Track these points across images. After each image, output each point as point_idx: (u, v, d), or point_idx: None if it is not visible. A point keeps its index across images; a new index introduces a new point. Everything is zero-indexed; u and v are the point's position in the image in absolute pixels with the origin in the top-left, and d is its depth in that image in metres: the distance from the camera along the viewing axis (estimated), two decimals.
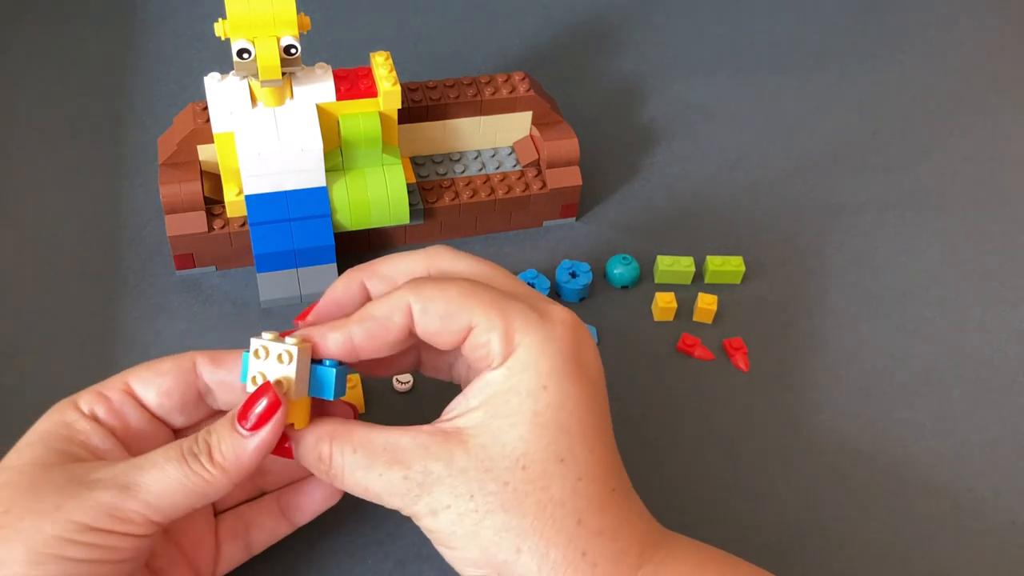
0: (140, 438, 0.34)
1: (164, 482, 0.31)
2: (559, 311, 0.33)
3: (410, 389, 0.45)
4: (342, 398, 0.34)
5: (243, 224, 0.49)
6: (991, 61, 0.71)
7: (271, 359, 0.32)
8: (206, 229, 0.48)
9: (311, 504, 0.37)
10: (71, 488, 0.30)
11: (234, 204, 0.48)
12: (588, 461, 0.32)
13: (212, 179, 0.49)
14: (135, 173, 0.56)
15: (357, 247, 0.52)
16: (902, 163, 0.61)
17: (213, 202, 0.49)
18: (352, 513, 0.40)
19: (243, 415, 0.31)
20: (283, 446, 0.33)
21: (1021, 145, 0.64)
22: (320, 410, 0.34)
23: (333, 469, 0.33)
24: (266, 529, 0.37)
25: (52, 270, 0.50)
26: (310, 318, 0.35)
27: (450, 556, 0.32)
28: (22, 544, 0.29)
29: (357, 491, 0.33)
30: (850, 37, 0.72)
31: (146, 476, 0.31)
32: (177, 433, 0.35)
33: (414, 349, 0.37)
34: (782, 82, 0.67)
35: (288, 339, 0.32)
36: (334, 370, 0.33)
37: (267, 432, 0.31)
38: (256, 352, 0.32)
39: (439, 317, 0.32)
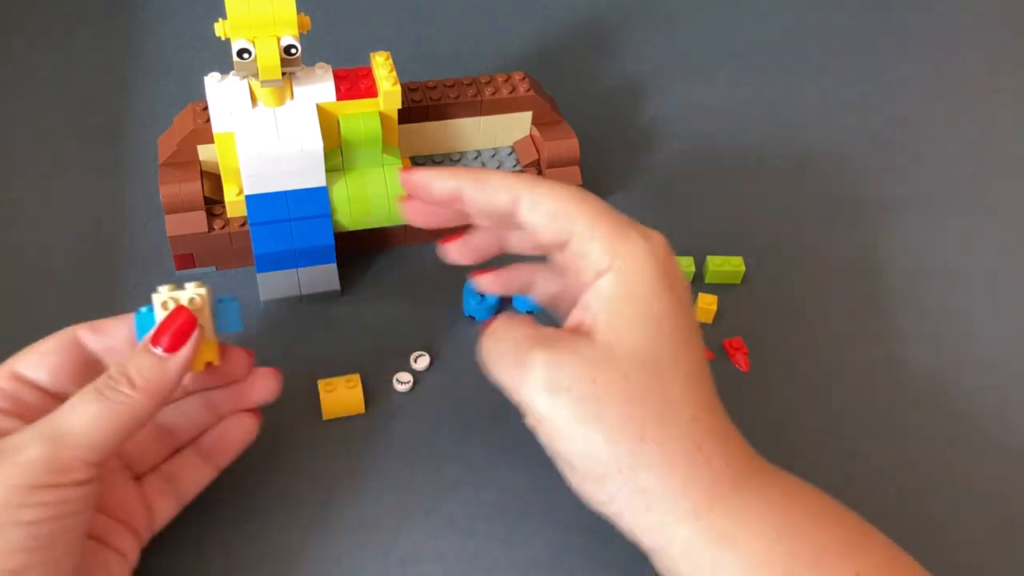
0: (39, 415, 0.33)
1: (90, 421, 0.31)
2: (656, 233, 0.35)
3: (411, 389, 0.45)
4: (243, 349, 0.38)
5: (243, 224, 0.49)
6: (991, 61, 0.71)
7: (183, 302, 0.35)
8: (206, 229, 0.48)
9: (231, 445, 0.38)
10: (1, 459, 0.30)
11: (234, 204, 0.48)
12: (696, 364, 0.34)
13: (212, 179, 0.49)
14: (135, 173, 0.56)
15: (357, 247, 0.52)
16: (902, 163, 0.61)
17: (213, 202, 0.49)
18: (352, 513, 0.41)
19: (157, 337, 0.33)
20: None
21: (1021, 145, 0.64)
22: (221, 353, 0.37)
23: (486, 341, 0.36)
24: (190, 479, 0.38)
25: (52, 270, 0.50)
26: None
27: (566, 450, 0.33)
28: None
29: (492, 362, 0.35)
30: (850, 37, 0.72)
31: (69, 421, 0.31)
32: None
33: (495, 237, 0.40)
34: (782, 82, 0.67)
35: (187, 285, 0.35)
36: (238, 303, 0.37)
37: (187, 349, 0.34)
38: (164, 304, 0.34)
39: (546, 214, 0.35)
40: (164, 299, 0.35)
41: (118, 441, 0.32)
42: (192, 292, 0.35)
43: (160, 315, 0.35)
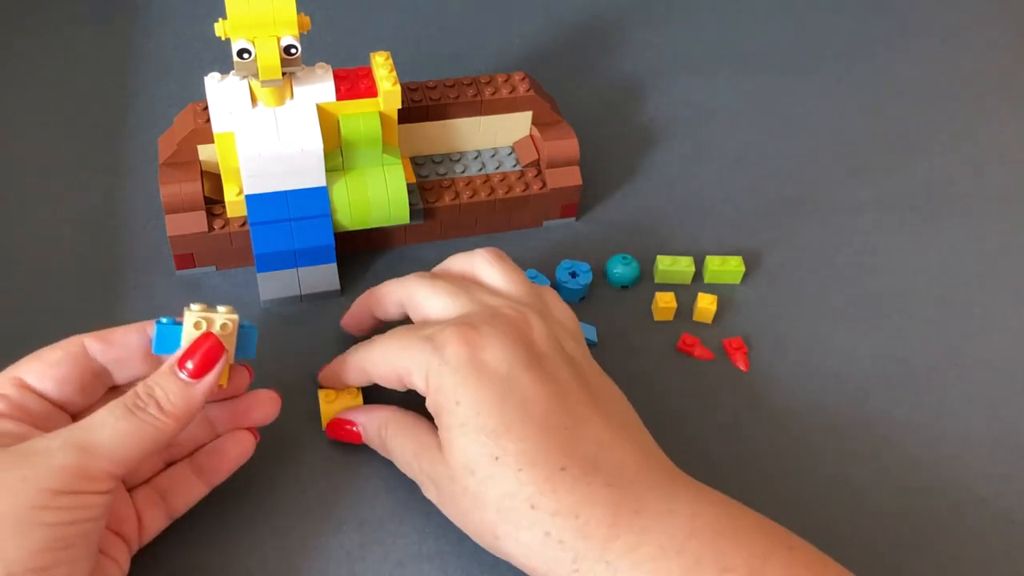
0: (47, 425, 0.35)
1: (118, 436, 0.33)
2: (447, 334, 0.37)
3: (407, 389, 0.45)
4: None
5: (243, 224, 0.49)
6: (991, 61, 0.71)
7: (215, 328, 0.36)
8: (206, 229, 0.48)
9: (226, 463, 0.39)
10: (26, 462, 0.31)
11: (234, 204, 0.48)
12: (521, 451, 0.34)
13: (212, 179, 0.49)
14: (135, 173, 0.56)
15: (357, 247, 0.52)
16: (902, 163, 0.61)
17: (213, 202, 0.49)
18: (352, 513, 0.41)
19: (183, 361, 0.35)
20: (351, 431, 0.41)
21: (1021, 145, 0.64)
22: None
23: (387, 448, 0.40)
24: (182, 495, 0.38)
25: (52, 270, 0.50)
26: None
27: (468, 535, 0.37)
28: (3, 519, 0.30)
29: (401, 468, 0.40)
30: (850, 37, 0.72)
31: (99, 434, 0.32)
32: (75, 416, 0.36)
33: None
34: (782, 82, 0.67)
35: (219, 308, 0.36)
36: (256, 330, 0.38)
37: (212, 376, 0.35)
38: (197, 324, 0.35)
39: (383, 376, 0.39)
40: (197, 319, 0.35)
41: (142, 457, 0.33)
42: (224, 317, 0.36)
43: (189, 333, 0.35)
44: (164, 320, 0.36)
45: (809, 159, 0.61)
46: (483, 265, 0.42)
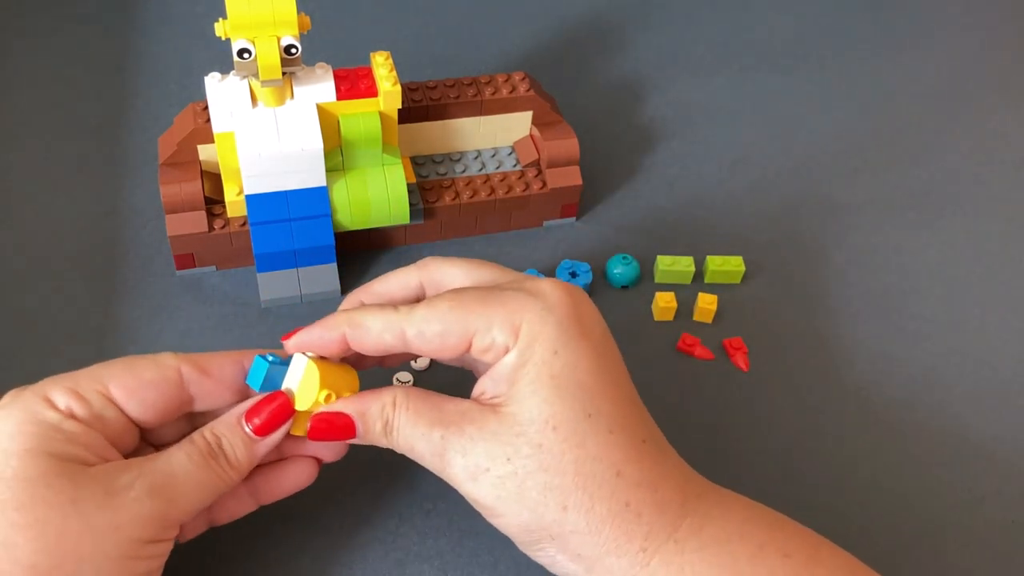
0: (119, 440, 0.33)
1: (196, 488, 0.32)
2: (547, 284, 0.34)
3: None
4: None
5: (243, 224, 0.49)
6: (991, 60, 0.71)
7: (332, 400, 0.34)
8: (206, 229, 0.48)
9: (283, 488, 0.37)
10: (113, 501, 0.30)
11: (234, 204, 0.48)
12: (613, 414, 0.33)
13: (212, 179, 0.49)
14: (135, 173, 0.56)
15: (357, 247, 0.52)
16: (902, 163, 0.61)
17: (213, 202, 0.49)
18: (352, 513, 0.41)
19: (251, 414, 0.34)
20: (340, 425, 0.34)
21: (1021, 145, 0.64)
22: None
23: (391, 428, 0.34)
24: (230, 509, 0.37)
25: (52, 270, 0.50)
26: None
27: (500, 523, 0.33)
28: (91, 567, 0.29)
29: (405, 450, 0.34)
30: (850, 37, 0.72)
31: (179, 482, 0.32)
32: (143, 431, 0.35)
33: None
34: (782, 82, 0.67)
35: (307, 355, 0.35)
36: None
37: (277, 435, 0.34)
38: (328, 397, 0.34)
39: (436, 336, 0.34)
40: (329, 394, 0.34)
41: (207, 505, 0.33)
42: (347, 387, 0.35)
43: (313, 399, 0.34)
44: (271, 358, 0.35)
45: (809, 159, 0.61)
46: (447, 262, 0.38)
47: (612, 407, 0.33)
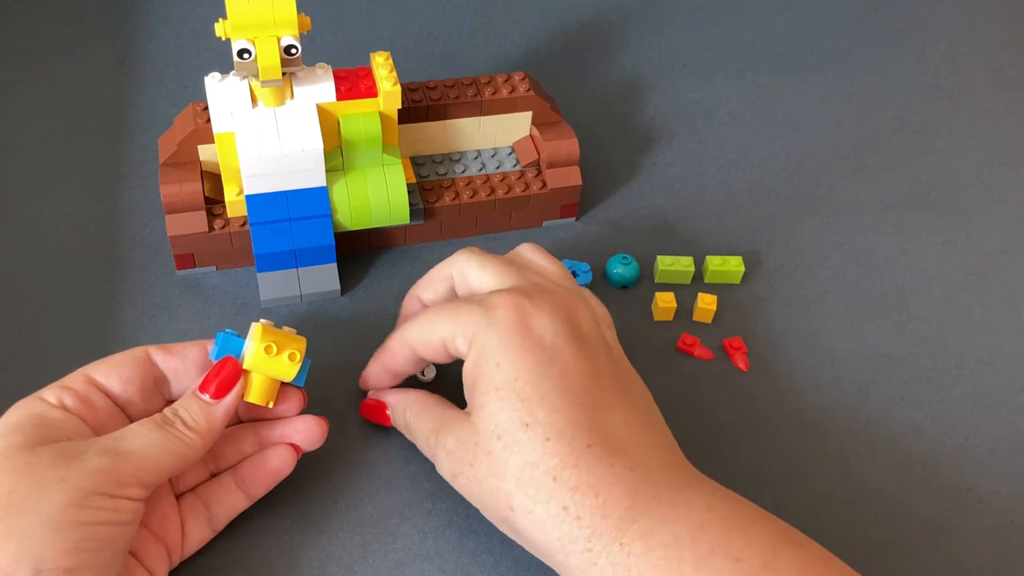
0: (106, 424, 0.36)
1: (149, 447, 0.34)
2: (500, 298, 0.37)
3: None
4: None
5: (243, 224, 0.49)
6: (991, 61, 0.71)
7: (283, 358, 0.38)
8: (206, 229, 0.48)
9: (266, 476, 0.39)
10: (65, 461, 0.32)
11: (234, 204, 0.48)
12: (552, 422, 0.34)
13: (212, 179, 0.49)
14: (135, 173, 0.56)
15: (357, 247, 0.52)
16: (902, 163, 0.61)
17: (213, 202, 0.49)
18: (352, 513, 0.41)
19: (204, 385, 0.37)
20: (384, 414, 0.42)
21: (1021, 145, 0.64)
22: (281, 394, 0.40)
23: (410, 428, 0.40)
24: (225, 504, 0.39)
25: (52, 270, 0.50)
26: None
27: (486, 516, 0.37)
28: (38, 516, 0.31)
29: (419, 447, 0.40)
30: (850, 37, 0.72)
31: (132, 443, 0.34)
32: (133, 420, 0.38)
33: None
34: (782, 82, 0.67)
35: (286, 328, 0.39)
36: (309, 361, 0.39)
37: (231, 397, 0.37)
38: (268, 348, 0.37)
39: (423, 344, 0.39)
40: (268, 344, 0.37)
41: (170, 469, 0.35)
42: (292, 348, 0.38)
43: (253, 349, 0.37)
44: (228, 331, 0.38)
45: (809, 159, 0.61)
46: (529, 251, 0.43)
47: (550, 416, 0.35)
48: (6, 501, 0.31)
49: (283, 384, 0.39)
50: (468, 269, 0.41)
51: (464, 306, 0.38)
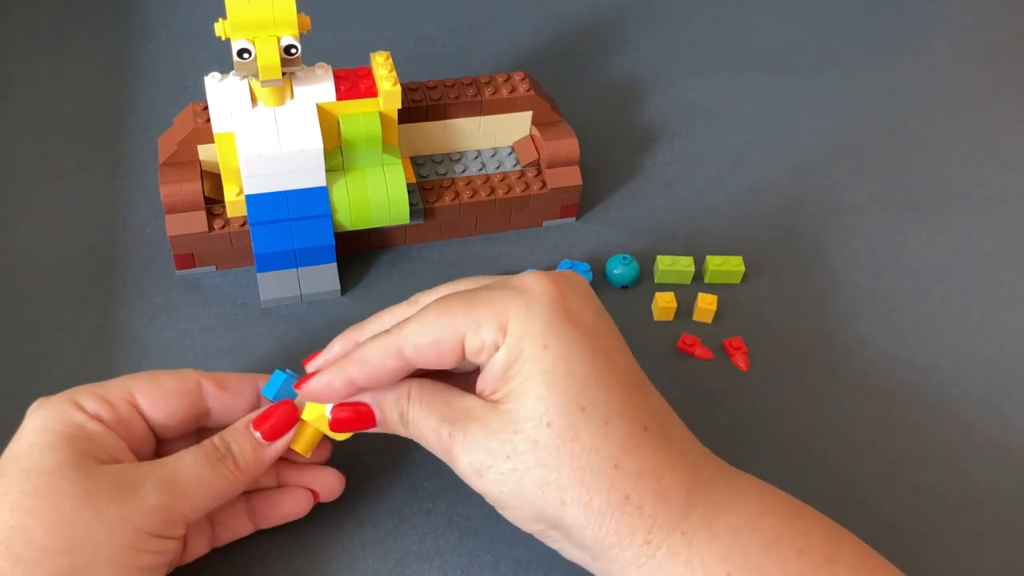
0: (139, 447, 0.36)
1: (201, 485, 0.34)
2: (532, 278, 0.34)
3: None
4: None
5: (243, 224, 0.49)
6: (991, 61, 0.71)
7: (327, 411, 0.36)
8: (206, 229, 0.48)
9: (278, 514, 0.38)
10: (124, 495, 0.32)
11: (234, 204, 0.48)
12: (610, 401, 0.32)
13: (212, 179, 0.49)
14: (135, 173, 0.56)
15: (357, 247, 0.52)
16: (902, 163, 0.61)
17: (213, 202, 0.49)
18: (352, 513, 0.41)
19: (259, 422, 0.36)
20: (362, 414, 0.36)
21: (1021, 145, 0.64)
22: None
23: (407, 418, 0.35)
24: (230, 528, 0.38)
25: (52, 270, 0.50)
26: (312, 366, 0.38)
27: (509, 516, 0.34)
28: (103, 557, 0.30)
29: (420, 440, 0.35)
30: (850, 37, 0.72)
31: (186, 479, 0.33)
32: (159, 440, 0.37)
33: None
34: (782, 82, 0.67)
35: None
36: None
37: (283, 442, 0.36)
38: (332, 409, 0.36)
39: (430, 345, 0.34)
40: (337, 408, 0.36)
41: (212, 506, 0.34)
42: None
43: (325, 412, 0.36)
44: (290, 372, 0.38)
45: (809, 159, 0.61)
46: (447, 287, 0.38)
47: (607, 395, 0.32)
48: (69, 533, 0.30)
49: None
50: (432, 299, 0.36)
51: (481, 295, 0.34)
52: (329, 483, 0.39)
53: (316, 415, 0.37)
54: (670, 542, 0.31)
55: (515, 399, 0.33)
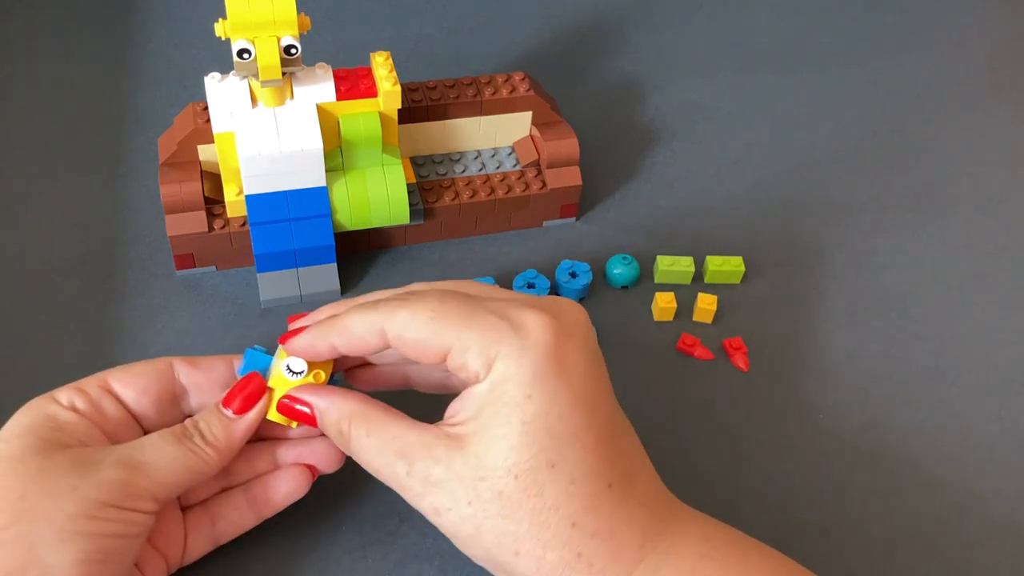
0: (117, 432, 0.36)
1: (165, 461, 0.34)
2: (532, 317, 0.33)
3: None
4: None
5: (243, 224, 0.49)
6: (991, 61, 0.71)
7: (304, 377, 0.36)
8: (206, 229, 0.48)
9: (277, 497, 0.38)
10: (79, 470, 0.32)
11: (234, 204, 0.48)
12: (581, 461, 0.32)
13: (212, 179, 0.49)
14: (135, 173, 0.56)
15: (357, 247, 0.52)
16: (902, 163, 0.61)
17: (213, 202, 0.49)
18: (352, 513, 0.41)
19: (228, 400, 0.36)
20: (304, 413, 0.36)
21: (1021, 145, 0.64)
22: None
23: (351, 447, 0.35)
24: (232, 522, 0.38)
25: (52, 270, 0.50)
26: (296, 325, 0.38)
27: (459, 546, 0.34)
28: (48, 524, 0.30)
29: (371, 471, 0.34)
30: (850, 37, 0.72)
31: (148, 455, 0.34)
32: (147, 433, 0.37)
33: (400, 369, 0.39)
34: (782, 82, 0.67)
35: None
36: (341, 374, 0.38)
37: (253, 414, 0.36)
38: (289, 367, 0.36)
39: (413, 343, 0.33)
40: (292, 362, 0.36)
41: (185, 484, 0.34)
42: (320, 366, 0.37)
43: (282, 372, 0.36)
44: (257, 348, 0.38)
45: (809, 159, 0.61)
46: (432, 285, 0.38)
47: (579, 454, 0.32)
48: (18, 507, 0.31)
49: None
50: (411, 325, 0.33)
51: (478, 313, 0.33)
52: (325, 453, 0.38)
53: (285, 382, 0.36)
54: None
55: (486, 443, 0.32)
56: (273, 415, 0.37)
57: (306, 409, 0.36)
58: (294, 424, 0.37)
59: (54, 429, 0.33)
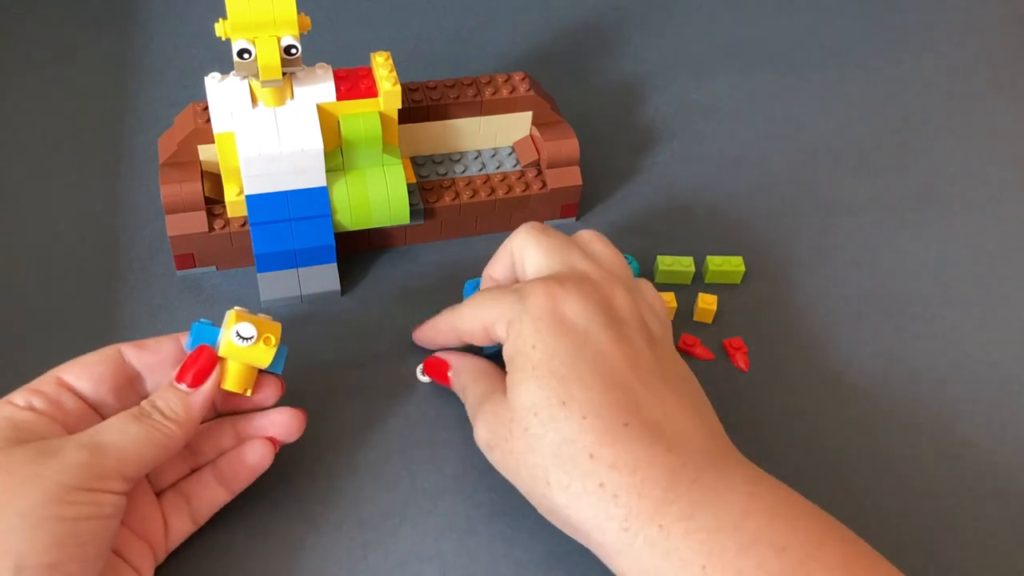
0: (79, 424, 0.36)
1: (128, 440, 0.34)
2: (532, 286, 0.38)
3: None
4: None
5: (243, 224, 0.49)
6: (991, 61, 0.71)
7: (254, 342, 0.38)
8: (206, 229, 0.48)
9: (244, 471, 0.39)
10: (41, 458, 0.32)
11: (234, 204, 0.48)
12: (590, 401, 0.35)
13: (213, 179, 0.49)
14: (135, 173, 0.56)
15: (357, 247, 0.52)
16: (902, 163, 0.61)
17: (214, 202, 0.49)
18: (353, 512, 0.41)
19: (181, 375, 0.37)
20: (445, 373, 0.43)
21: (1021, 145, 0.64)
22: (258, 383, 0.40)
23: (464, 392, 0.42)
24: (205, 500, 0.39)
25: (52, 270, 0.50)
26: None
27: (513, 483, 0.38)
28: (17, 513, 0.31)
29: (462, 398, 0.42)
30: (850, 37, 0.72)
31: (109, 437, 0.34)
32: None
33: None
34: (782, 82, 0.67)
35: (261, 315, 0.39)
36: (286, 348, 0.40)
37: (209, 384, 0.37)
38: (239, 332, 0.37)
39: (469, 331, 0.41)
40: (241, 328, 0.37)
41: (151, 461, 0.35)
42: (268, 331, 0.38)
43: (232, 339, 0.37)
44: (203, 321, 0.38)
45: (809, 159, 0.61)
46: (587, 236, 0.43)
47: (587, 394, 0.35)
48: None
49: (260, 372, 0.39)
50: (525, 247, 0.42)
51: (503, 295, 0.39)
52: (285, 424, 0.40)
53: (235, 350, 0.37)
54: (647, 533, 0.33)
55: (512, 390, 0.37)
56: (229, 383, 0.38)
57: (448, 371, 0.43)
58: (248, 391, 0.38)
59: (11, 428, 0.34)
